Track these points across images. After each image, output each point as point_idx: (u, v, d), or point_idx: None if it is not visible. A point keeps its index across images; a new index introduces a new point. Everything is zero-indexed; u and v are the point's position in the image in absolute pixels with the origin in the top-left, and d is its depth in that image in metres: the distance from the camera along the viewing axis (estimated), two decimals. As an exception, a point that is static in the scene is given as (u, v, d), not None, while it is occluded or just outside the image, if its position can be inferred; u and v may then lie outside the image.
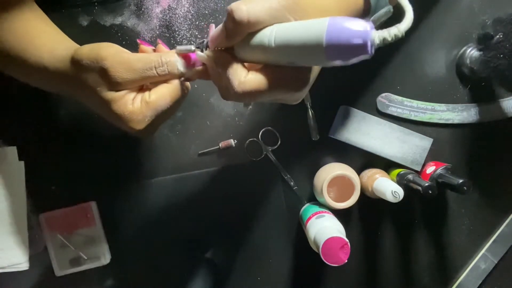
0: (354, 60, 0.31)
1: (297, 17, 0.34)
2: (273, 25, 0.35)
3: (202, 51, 0.39)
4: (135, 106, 0.40)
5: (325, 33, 0.30)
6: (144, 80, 0.40)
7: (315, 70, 0.38)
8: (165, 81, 0.42)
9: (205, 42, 0.40)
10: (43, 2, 0.48)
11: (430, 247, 0.67)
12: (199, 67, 0.42)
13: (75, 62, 0.41)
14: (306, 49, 0.32)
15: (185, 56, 0.41)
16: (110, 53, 0.40)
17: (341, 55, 0.31)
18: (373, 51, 0.30)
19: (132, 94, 0.41)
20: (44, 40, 0.45)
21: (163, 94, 0.41)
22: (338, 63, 0.32)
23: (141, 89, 0.43)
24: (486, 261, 0.67)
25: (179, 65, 0.41)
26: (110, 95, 0.40)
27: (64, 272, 0.63)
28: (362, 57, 0.31)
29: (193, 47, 0.40)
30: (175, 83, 0.41)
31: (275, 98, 0.38)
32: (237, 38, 0.36)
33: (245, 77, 0.36)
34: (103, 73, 0.39)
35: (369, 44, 0.30)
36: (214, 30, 0.38)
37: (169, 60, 0.40)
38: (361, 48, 0.30)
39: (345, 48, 0.30)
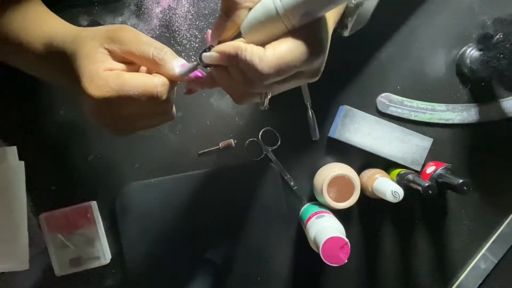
0: None
1: None
2: None
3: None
4: (106, 72, 0.38)
5: None
6: (139, 55, 0.38)
7: (329, 26, 0.37)
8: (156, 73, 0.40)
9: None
10: (44, 2, 0.49)
11: (430, 247, 0.67)
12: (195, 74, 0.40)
13: (86, 29, 0.41)
14: None
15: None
16: (123, 25, 0.40)
17: None
18: None
19: (113, 65, 0.39)
20: (53, 20, 0.46)
21: (138, 79, 0.38)
22: None
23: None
24: (486, 261, 0.67)
25: (175, 63, 0.39)
26: (95, 49, 0.38)
27: (64, 272, 0.63)
28: None
29: (195, 62, 0.38)
30: (156, 80, 0.38)
31: (298, 73, 0.37)
32: (238, 18, 0.35)
33: (264, 52, 0.34)
34: (109, 29, 0.39)
35: None
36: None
37: (169, 50, 0.39)
38: None
39: None
